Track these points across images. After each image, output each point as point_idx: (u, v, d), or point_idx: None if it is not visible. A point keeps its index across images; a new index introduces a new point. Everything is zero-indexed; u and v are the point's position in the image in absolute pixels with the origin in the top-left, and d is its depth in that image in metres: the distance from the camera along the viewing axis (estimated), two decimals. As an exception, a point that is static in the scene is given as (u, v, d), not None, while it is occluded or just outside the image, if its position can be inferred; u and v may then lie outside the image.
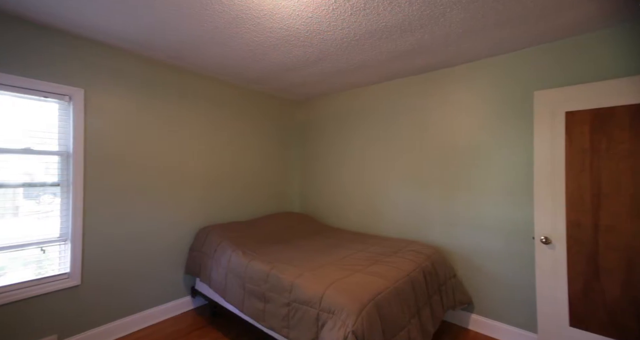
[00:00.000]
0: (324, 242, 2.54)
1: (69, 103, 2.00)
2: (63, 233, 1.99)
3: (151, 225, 2.39)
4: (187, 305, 2.62)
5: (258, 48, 2.14)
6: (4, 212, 1.80)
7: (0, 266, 1.78)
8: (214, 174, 2.83)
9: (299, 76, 2.76)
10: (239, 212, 3.05)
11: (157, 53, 2.27)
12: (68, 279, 1.98)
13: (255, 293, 1.91)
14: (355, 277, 1.74)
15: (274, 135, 3.45)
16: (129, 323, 2.25)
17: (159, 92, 2.44)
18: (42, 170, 1.92)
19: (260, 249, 2.26)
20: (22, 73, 1.80)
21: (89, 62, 2.06)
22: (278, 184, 3.50)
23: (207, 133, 2.78)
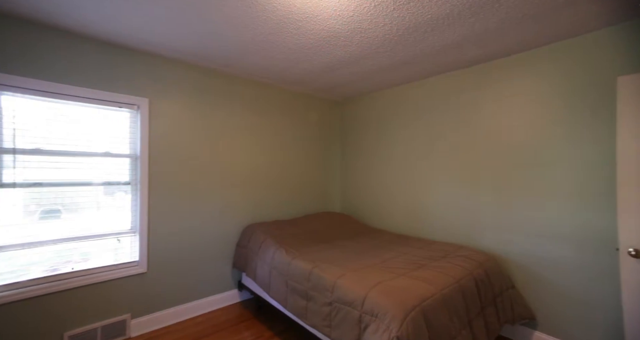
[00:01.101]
0: (366, 243, 2.49)
1: (137, 111, 2.27)
2: (133, 226, 2.27)
3: (204, 221, 2.59)
4: (234, 298, 2.78)
5: (299, 51, 2.19)
6: (90, 206, 2.11)
7: (86, 252, 2.09)
8: (258, 174, 2.97)
9: (339, 76, 2.75)
10: (282, 211, 3.16)
11: (210, 62, 2.46)
12: (137, 266, 2.25)
13: (298, 291, 1.95)
14: (399, 281, 1.68)
15: (316, 135, 3.50)
16: (186, 309, 2.47)
17: (211, 98, 2.64)
18: (117, 170, 2.21)
19: (302, 248, 2.31)
20: (103, 88, 2.09)
21: (153, 74, 2.32)
22: (320, 184, 3.54)
23: (252, 135, 2.93)
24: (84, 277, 2.02)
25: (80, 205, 2.07)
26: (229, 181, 2.75)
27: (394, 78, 2.80)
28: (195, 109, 2.55)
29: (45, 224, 1.94)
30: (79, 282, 1.99)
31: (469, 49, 2.14)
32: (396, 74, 2.67)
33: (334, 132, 3.72)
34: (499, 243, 2.28)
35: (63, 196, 2.00)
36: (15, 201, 1.83)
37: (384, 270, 1.84)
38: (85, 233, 2.06)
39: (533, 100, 2.13)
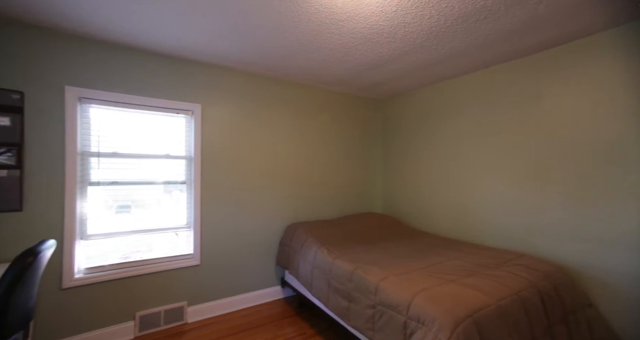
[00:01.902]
0: (410, 246, 2.39)
1: (191, 116, 2.48)
2: (188, 221, 2.48)
3: (249, 219, 2.73)
4: (277, 294, 2.88)
5: (340, 50, 2.19)
6: (153, 203, 2.36)
7: (150, 243, 2.35)
8: (300, 174, 3.04)
9: (381, 74, 2.69)
10: (323, 211, 3.19)
11: (255, 67, 2.59)
12: (192, 258, 2.45)
13: (340, 291, 1.94)
14: (448, 288, 1.57)
15: (356, 134, 3.47)
16: (234, 302, 2.63)
17: (255, 102, 2.77)
18: (174, 171, 2.44)
19: (344, 248, 2.30)
20: (164, 96, 2.33)
21: (205, 81, 2.51)
22: (361, 184, 3.49)
23: (294, 136, 3.00)
24: (150, 266, 2.27)
25: (145, 202, 2.32)
26: (272, 181, 2.86)
27: (440, 73, 2.64)
28: (242, 113, 2.70)
29: (119, 217, 2.22)
30: (146, 270, 2.24)
31: (531, 35, 1.92)
32: (442, 68, 2.51)
33: (375, 131, 3.65)
34: (569, 253, 2.01)
35: (132, 194, 2.27)
36: (99, 197, 2.13)
37: (430, 275, 1.74)
38: (150, 226, 2.32)
39: (612, 89, 1.84)
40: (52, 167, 1.94)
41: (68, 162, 1.98)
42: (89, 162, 2.09)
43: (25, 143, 1.87)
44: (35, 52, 1.89)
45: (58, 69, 1.96)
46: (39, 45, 1.90)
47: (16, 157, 1.83)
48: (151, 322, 2.25)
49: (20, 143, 1.84)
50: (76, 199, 2.02)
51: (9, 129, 1.81)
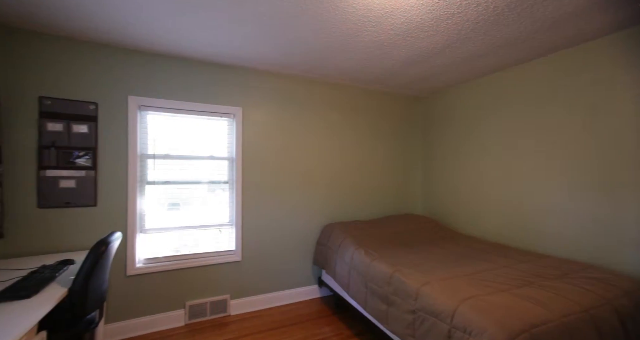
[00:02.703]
0: (453, 251, 2.25)
1: (233, 119, 2.62)
2: (230, 219, 2.63)
3: (287, 218, 2.80)
4: (314, 293, 2.92)
5: (378, 48, 2.14)
6: (199, 201, 2.54)
7: (197, 239, 2.53)
8: (338, 174, 3.04)
9: (421, 69, 2.57)
10: (360, 212, 3.15)
11: (292, 69, 2.65)
12: (234, 254, 2.59)
13: (378, 294, 1.90)
14: (498, 297, 1.45)
15: (395, 134, 3.37)
16: (273, 298, 2.72)
17: (293, 103, 2.84)
18: (218, 171, 2.60)
19: (382, 250, 2.25)
20: (208, 101, 2.50)
21: (246, 85, 2.64)
22: (399, 185, 3.39)
23: (331, 136, 3.01)
24: (197, 259, 2.44)
25: (192, 200, 2.51)
26: (310, 181, 2.90)
27: (487, 65, 2.44)
28: (280, 114, 2.78)
29: (170, 214, 2.43)
30: (194, 263, 2.42)
31: (604, 13, 1.69)
32: (490, 59, 2.33)
33: (414, 130, 3.51)
34: (648, 266, 1.72)
35: (181, 192, 2.46)
36: (154, 195, 2.36)
37: (477, 283, 1.62)
38: (196, 223, 2.50)
39: None
40: (118, 168, 2.20)
41: (130, 164, 2.23)
42: (146, 164, 2.32)
43: (99, 147, 2.14)
44: (105, 67, 2.16)
45: (123, 81, 2.21)
46: (107, 61, 2.16)
47: (92, 160, 2.11)
48: (199, 311, 2.42)
49: (95, 147, 2.12)
50: (136, 196, 2.25)
51: (86, 135, 2.09)
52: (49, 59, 2.01)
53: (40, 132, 1.98)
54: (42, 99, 1.98)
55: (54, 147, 2.01)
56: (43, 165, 1.99)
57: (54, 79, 2.02)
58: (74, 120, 2.06)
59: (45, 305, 1.26)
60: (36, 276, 1.48)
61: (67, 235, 2.06)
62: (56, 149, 2.01)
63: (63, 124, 2.03)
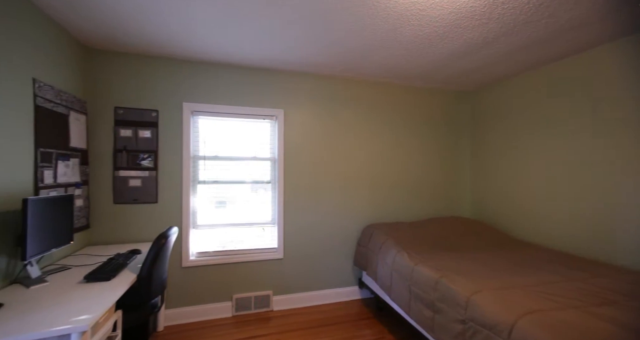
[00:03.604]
0: (509, 258, 2.05)
1: (275, 121, 2.72)
2: (273, 218, 2.73)
3: (328, 218, 2.82)
4: (355, 294, 2.89)
5: (422, 42, 2.04)
6: (243, 200, 2.69)
7: (241, 236, 2.67)
8: (378, 175, 2.98)
9: (470, 62, 2.40)
10: (402, 213, 3.05)
11: (332, 70, 2.67)
12: (276, 252, 2.69)
13: (423, 299, 1.81)
14: (568, 315, 1.28)
15: (440, 132, 3.20)
16: (313, 297, 2.76)
17: (333, 103, 2.85)
18: (261, 171, 2.72)
19: (426, 254, 2.14)
20: (252, 104, 2.63)
21: (287, 87, 2.72)
22: (445, 186, 3.21)
23: (372, 135, 2.96)
24: (242, 255, 2.58)
25: (237, 199, 2.65)
26: (350, 181, 2.89)
27: (551, 52, 2.18)
28: (320, 115, 2.82)
29: (217, 211, 2.61)
30: (239, 259, 2.56)
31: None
32: (555, 45, 2.07)
33: (462, 127, 3.28)
34: None
35: (227, 191, 2.62)
36: (204, 194, 2.55)
37: (539, 296, 1.45)
38: (241, 221, 2.64)
39: None
40: (174, 169, 2.43)
41: (184, 165, 2.44)
42: (197, 164, 2.52)
43: (159, 150, 2.38)
44: (164, 77, 2.40)
45: (178, 89, 2.43)
46: (166, 72, 2.40)
47: (154, 161, 2.36)
48: (244, 305, 2.56)
49: (156, 150, 2.37)
50: (190, 194, 2.46)
51: (149, 140, 2.35)
52: (121, 74, 2.30)
53: (115, 138, 2.28)
54: (117, 109, 2.28)
55: (125, 151, 2.29)
56: (117, 167, 2.28)
57: (125, 91, 2.31)
58: (140, 126, 2.33)
59: (120, 287, 1.44)
60: (113, 262, 1.71)
61: (134, 228, 2.33)
62: (126, 152, 2.30)
63: (132, 130, 2.31)
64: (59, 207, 1.66)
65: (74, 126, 2.01)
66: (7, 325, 1.08)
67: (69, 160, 1.96)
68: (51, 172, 1.78)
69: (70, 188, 1.96)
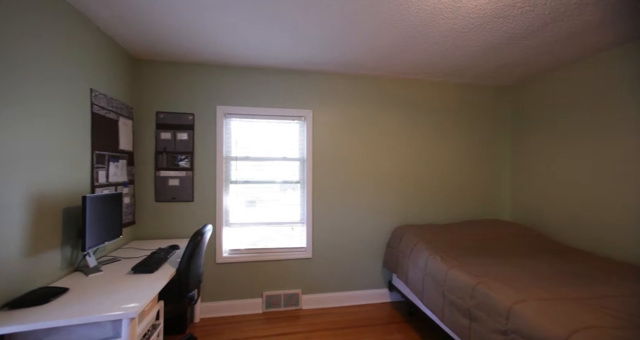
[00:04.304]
0: (558, 267, 1.88)
1: (303, 122, 2.75)
2: (302, 218, 2.76)
3: (356, 219, 2.79)
4: (384, 297, 2.83)
5: (457, 36, 1.94)
6: (272, 199, 2.75)
7: (271, 235, 2.73)
8: (409, 175, 2.89)
9: (510, 54, 2.24)
10: (435, 215, 2.93)
11: (360, 69, 2.64)
12: (305, 252, 2.71)
13: (458, 306, 1.72)
14: (633, 335, 1.13)
15: (476, 130, 3.03)
16: (341, 297, 2.74)
17: (361, 103, 2.82)
18: (290, 172, 2.76)
19: (461, 258, 2.03)
20: (281, 106, 2.68)
21: (315, 88, 2.74)
22: (482, 187, 3.03)
23: (402, 135, 2.88)
24: (271, 254, 2.65)
25: (266, 199, 2.72)
26: (379, 182, 2.84)
27: (608, 38, 1.95)
28: (349, 115, 2.80)
29: (248, 210, 2.69)
30: (269, 257, 2.63)
31: None
32: (614, 31, 1.85)
33: (500, 124, 3.08)
34: None
35: (257, 191, 2.70)
36: (235, 194, 2.66)
37: (597, 311, 1.31)
38: (271, 220, 2.70)
39: None
40: (208, 169, 2.55)
41: (217, 165, 2.56)
42: (230, 165, 2.63)
43: (195, 151, 2.53)
44: (200, 82, 2.53)
45: (212, 93, 2.56)
46: (201, 77, 2.54)
47: (190, 162, 2.51)
48: (274, 302, 2.61)
49: (192, 151, 2.51)
50: (223, 194, 2.57)
51: (186, 142, 2.50)
52: (162, 81, 2.47)
53: (156, 140, 2.45)
54: (158, 114, 2.46)
55: (164, 152, 2.46)
56: (158, 167, 2.45)
57: (165, 96, 2.48)
58: (178, 129, 2.48)
59: (162, 279, 1.55)
60: (155, 256, 1.83)
61: (173, 225, 2.49)
62: (166, 153, 2.46)
63: (171, 133, 2.47)
64: (111, 204, 1.82)
65: (123, 130, 2.20)
66: (73, 307, 1.24)
67: (118, 162, 2.14)
68: (104, 172, 1.96)
69: (119, 187, 2.14)
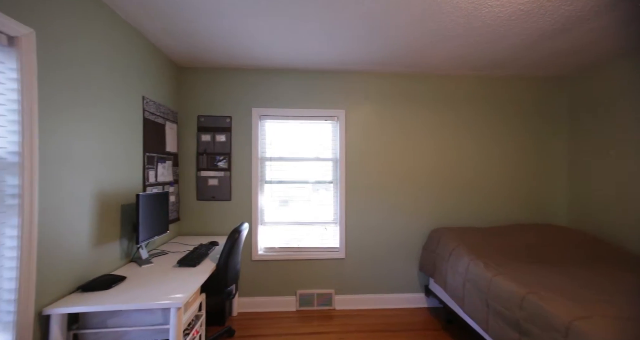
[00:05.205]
0: (626, 280, 1.65)
1: (336, 122, 2.74)
2: (335, 218, 2.75)
3: (390, 220, 2.72)
4: (420, 302, 2.71)
5: (503, 24, 1.80)
6: (305, 199, 2.77)
7: (304, 234, 2.76)
8: (446, 175, 2.75)
9: (568, 41, 2.01)
10: (475, 218, 2.75)
11: (394, 66, 2.56)
12: (338, 252, 2.70)
13: (505, 317, 1.59)
14: None
15: (524, 126, 2.79)
16: (375, 300, 2.69)
17: (394, 101, 2.73)
18: (323, 172, 2.77)
19: (508, 264, 1.88)
20: (314, 106, 2.70)
21: (348, 88, 2.71)
22: (530, 188, 2.78)
23: (439, 133, 2.75)
24: (305, 253, 2.67)
25: (299, 198, 2.75)
26: (415, 182, 2.73)
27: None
28: (383, 114, 2.73)
29: (281, 210, 2.75)
30: (302, 256, 2.66)
31: None
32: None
33: (554, 120, 2.80)
34: None
35: (290, 191, 2.74)
36: (269, 193, 2.73)
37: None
38: (304, 220, 2.73)
39: None
40: (244, 169, 2.65)
41: (253, 166, 2.65)
42: (264, 165, 2.71)
43: (232, 152, 2.65)
44: (237, 86, 2.65)
45: (248, 96, 2.65)
46: (238, 81, 2.65)
47: (228, 163, 2.63)
48: (307, 301, 2.64)
49: (230, 153, 2.63)
50: (258, 193, 2.66)
51: (224, 143, 2.63)
52: (203, 86, 2.62)
53: (197, 142, 2.61)
54: (199, 117, 2.61)
55: (205, 154, 2.61)
56: (199, 168, 2.61)
57: (205, 101, 2.63)
58: (216, 131, 2.62)
59: (204, 273, 1.64)
60: (197, 251, 1.95)
61: (213, 222, 2.63)
62: (206, 155, 2.61)
63: (210, 135, 2.62)
64: (159, 201, 1.97)
65: (169, 133, 2.38)
66: (130, 294, 1.37)
67: (165, 163, 2.32)
68: (153, 173, 2.13)
69: (166, 186, 2.32)
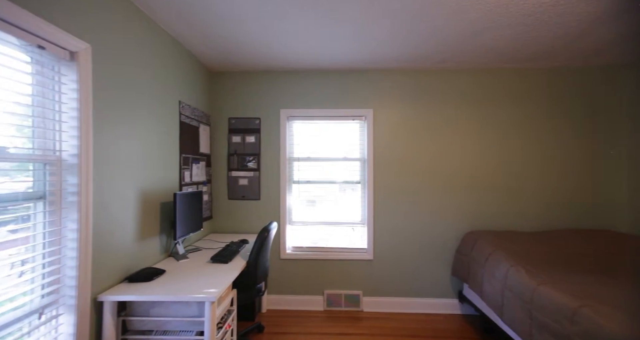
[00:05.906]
0: None
1: (364, 121, 2.70)
2: (362, 218, 2.71)
3: (421, 221, 2.62)
4: (454, 308, 2.58)
5: (549, 11, 1.65)
6: (332, 199, 2.76)
7: (331, 234, 2.75)
8: (481, 176, 2.59)
9: (630, 23, 1.80)
10: (515, 221, 2.56)
11: (425, 63, 2.47)
12: (366, 253, 2.66)
13: (552, 331, 1.45)
14: None
15: (574, 120, 2.55)
16: (405, 303, 2.60)
17: (426, 99, 2.63)
18: (350, 172, 2.74)
19: (555, 273, 1.71)
20: (341, 106, 2.68)
21: (376, 87, 2.66)
22: (581, 189, 2.53)
23: (474, 132, 2.60)
24: (332, 253, 2.66)
25: (326, 199, 2.74)
26: (446, 183, 2.61)
27: None
28: (412, 113, 2.64)
29: (309, 210, 2.76)
30: (330, 256, 2.65)
31: None
32: None
33: (611, 114, 2.52)
34: None
35: (317, 191, 2.75)
36: (297, 193, 2.76)
37: None
38: (332, 220, 2.72)
39: None
40: (273, 170, 2.71)
41: (281, 166, 2.69)
42: (292, 165, 2.74)
43: (261, 153, 2.71)
44: (265, 88, 2.71)
45: (276, 98, 2.70)
46: (266, 83, 2.71)
47: (257, 163, 2.70)
48: (335, 301, 2.63)
49: (259, 153, 2.70)
50: (286, 193, 2.70)
51: (254, 144, 2.70)
52: (233, 89, 2.72)
53: (229, 144, 2.71)
54: (230, 119, 2.71)
55: (235, 154, 2.70)
56: (230, 168, 2.71)
57: (236, 103, 2.72)
58: (246, 133, 2.70)
59: (235, 270, 1.70)
60: (229, 248, 2.02)
61: (243, 221, 2.71)
62: (237, 155, 2.70)
63: (240, 136, 2.70)
64: (194, 200, 2.08)
65: (202, 135, 2.50)
66: (169, 286, 1.46)
67: (199, 163, 2.44)
68: (189, 173, 2.25)
69: (199, 186, 2.44)
